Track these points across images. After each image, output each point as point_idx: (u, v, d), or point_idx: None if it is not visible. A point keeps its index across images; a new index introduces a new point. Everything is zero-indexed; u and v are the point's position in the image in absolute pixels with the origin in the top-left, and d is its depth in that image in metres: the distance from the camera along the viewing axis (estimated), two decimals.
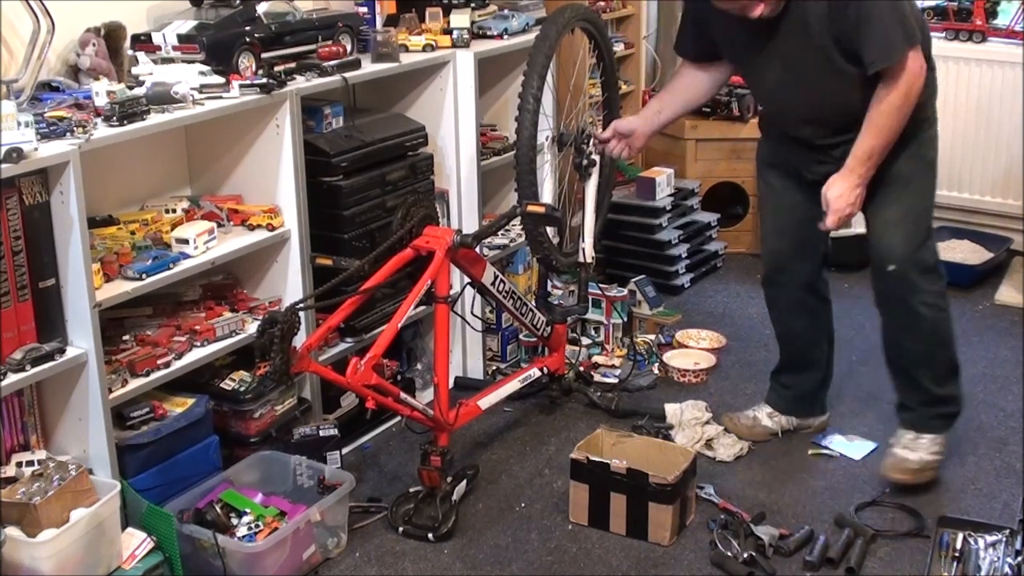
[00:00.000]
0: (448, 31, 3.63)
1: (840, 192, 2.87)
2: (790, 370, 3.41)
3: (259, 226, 3.05)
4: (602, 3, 4.82)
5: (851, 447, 3.36)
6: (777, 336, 3.43)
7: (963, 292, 4.41)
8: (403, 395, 2.93)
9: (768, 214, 3.29)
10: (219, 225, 3.00)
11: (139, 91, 2.71)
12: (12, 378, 2.45)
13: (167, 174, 3.20)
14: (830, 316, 3.36)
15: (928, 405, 3.13)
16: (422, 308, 3.14)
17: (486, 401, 3.32)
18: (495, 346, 3.95)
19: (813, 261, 3.23)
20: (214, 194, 3.19)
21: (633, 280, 4.20)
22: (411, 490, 3.06)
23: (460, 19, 3.67)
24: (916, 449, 3.10)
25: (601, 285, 4.04)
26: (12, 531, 2.43)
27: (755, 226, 5.03)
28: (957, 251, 4.71)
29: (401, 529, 2.97)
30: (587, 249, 3.69)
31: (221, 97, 2.84)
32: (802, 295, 3.27)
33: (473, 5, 3.77)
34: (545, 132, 3.60)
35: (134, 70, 2.85)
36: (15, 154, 2.33)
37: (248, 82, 2.89)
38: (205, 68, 2.84)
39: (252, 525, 2.77)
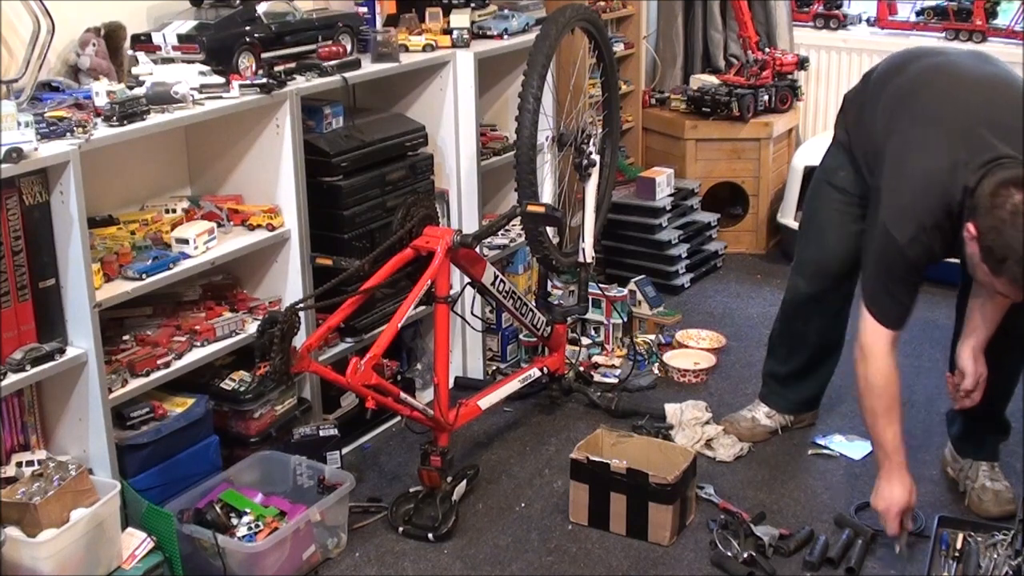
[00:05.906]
0: (448, 31, 3.63)
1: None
2: (800, 375, 3.36)
3: (259, 226, 3.05)
4: (602, 3, 4.82)
5: (851, 447, 3.36)
6: (794, 343, 3.31)
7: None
8: (403, 395, 2.93)
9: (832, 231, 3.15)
10: (219, 225, 3.00)
11: (139, 91, 2.71)
12: (12, 378, 2.44)
13: (167, 174, 3.20)
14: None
15: (998, 432, 3.10)
16: (422, 308, 3.14)
17: (486, 401, 3.32)
18: (495, 346, 3.95)
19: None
20: (214, 194, 3.19)
21: (633, 280, 4.20)
22: (411, 490, 3.06)
23: (460, 19, 3.67)
24: (998, 479, 3.02)
25: (601, 285, 4.04)
26: (12, 531, 2.43)
27: (755, 226, 5.04)
28: None
29: (401, 529, 2.97)
30: (587, 249, 3.69)
31: (221, 97, 2.84)
32: (847, 305, 3.22)
33: (473, 5, 3.77)
34: (545, 132, 3.61)
35: (134, 70, 2.85)
36: (15, 154, 2.33)
37: (248, 82, 2.89)
38: (205, 68, 2.84)
39: (252, 525, 2.77)
